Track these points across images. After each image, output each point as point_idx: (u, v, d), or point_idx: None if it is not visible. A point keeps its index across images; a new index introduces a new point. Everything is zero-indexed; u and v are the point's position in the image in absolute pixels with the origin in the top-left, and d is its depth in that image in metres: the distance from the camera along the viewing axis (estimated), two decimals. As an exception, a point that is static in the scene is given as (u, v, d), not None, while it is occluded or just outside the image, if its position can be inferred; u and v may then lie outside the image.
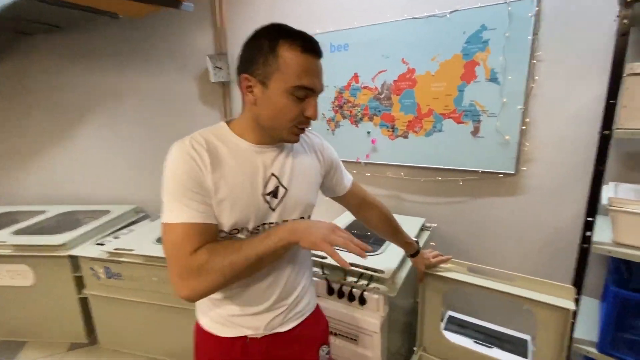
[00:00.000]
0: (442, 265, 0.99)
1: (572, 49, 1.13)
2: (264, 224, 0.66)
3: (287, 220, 0.69)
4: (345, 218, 1.44)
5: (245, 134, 0.66)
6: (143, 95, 2.02)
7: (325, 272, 1.08)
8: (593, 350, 0.94)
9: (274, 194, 0.67)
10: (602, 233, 0.94)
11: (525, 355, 1.01)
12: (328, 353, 0.82)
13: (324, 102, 1.68)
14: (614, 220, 0.88)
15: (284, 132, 0.63)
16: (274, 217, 0.67)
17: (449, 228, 1.50)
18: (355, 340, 1.05)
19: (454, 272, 0.98)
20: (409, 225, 1.37)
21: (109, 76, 1.97)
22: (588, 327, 1.04)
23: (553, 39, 1.16)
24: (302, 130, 0.65)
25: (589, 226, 0.90)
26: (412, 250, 0.96)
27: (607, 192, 0.96)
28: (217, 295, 0.69)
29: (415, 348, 1.06)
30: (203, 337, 0.72)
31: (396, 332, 1.19)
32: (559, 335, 0.84)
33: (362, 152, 1.64)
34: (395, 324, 1.16)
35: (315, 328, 0.80)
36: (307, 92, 0.60)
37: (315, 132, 0.80)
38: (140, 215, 2.03)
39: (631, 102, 0.79)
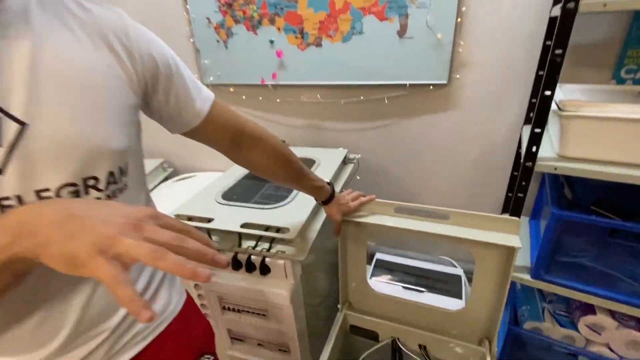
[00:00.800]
0: (364, 207, 0.76)
1: None
2: None
3: (43, 192, 0.34)
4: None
5: None
6: None
7: (213, 238, 0.79)
8: (526, 277, 0.85)
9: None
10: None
11: (459, 295, 0.89)
12: None
13: (206, 0, 1.20)
14: (564, 129, 0.70)
15: None
16: (8, 187, 0.31)
17: (375, 157, 1.28)
18: (264, 315, 0.82)
19: (378, 215, 0.75)
20: (329, 159, 1.11)
21: None
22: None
23: None
24: None
25: (535, 139, 0.71)
26: (324, 196, 0.69)
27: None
28: None
29: (339, 306, 0.88)
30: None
31: (318, 288, 0.99)
32: (499, 276, 0.69)
33: (266, 71, 1.25)
34: (315, 282, 0.96)
35: (185, 337, 0.53)
36: None
37: (110, 6, 0.41)
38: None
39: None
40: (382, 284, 0.95)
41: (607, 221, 0.71)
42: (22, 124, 0.31)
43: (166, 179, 1.56)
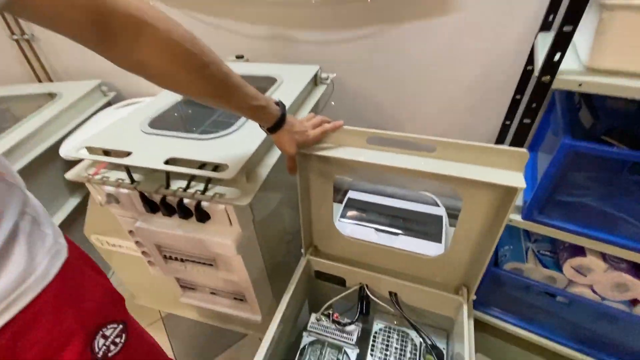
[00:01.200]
0: (329, 137, 0.58)
1: None
2: None
3: None
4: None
5: None
6: None
7: (135, 177, 0.61)
8: (516, 217, 0.74)
9: None
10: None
11: (438, 239, 0.79)
12: (123, 332, 0.45)
13: None
14: (604, 28, 0.50)
15: None
16: None
17: (353, 77, 1.06)
18: (211, 265, 0.70)
19: (346, 147, 0.58)
20: (295, 77, 0.89)
21: None
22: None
23: None
24: None
25: (562, 42, 0.51)
26: (270, 120, 0.51)
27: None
28: None
29: (302, 250, 0.77)
30: None
31: (284, 227, 0.87)
32: (489, 220, 0.56)
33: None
34: (279, 222, 0.83)
35: (68, 308, 0.39)
36: None
37: None
38: None
39: None
40: (354, 226, 0.83)
41: (631, 153, 0.57)
42: None
43: (109, 105, 1.31)
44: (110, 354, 0.42)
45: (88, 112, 1.22)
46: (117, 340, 0.43)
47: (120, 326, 0.44)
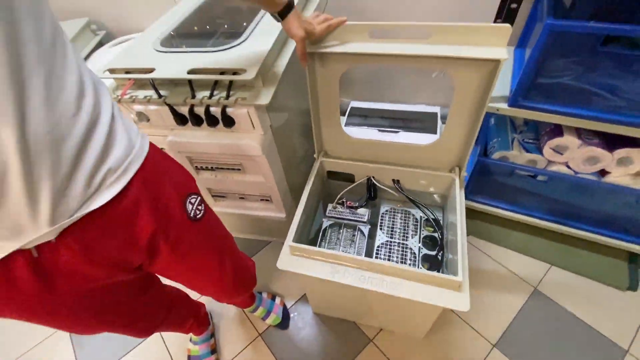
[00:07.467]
0: (334, 35, 0.61)
1: None
2: None
3: None
4: None
5: None
6: None
7: (161, 92, 0.64)
8: (503, 105, 0.81)
9: None
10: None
11: (434, 131, 0.86)
12: (202, 202, 0.56)
13: None
14: None
15: None
16: None
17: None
18: (239, 169, 0.78)
19: (351, 43, 0.61)
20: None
21: None
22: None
23: None
24: None
25: None
26: (280, 4, 0.53)
27: None
28: None
29: (315, 155, 0.84)
30: None
31: (294, 145, 0.94)
32: (477, 97, 0.63)
33: None
34: (290, 138, 0.89)
35: (165, 177, 0.49)
36: None
37: None
38: None
39: None
40: (357, 130, 0.90)
41: (604, 26, 0.61)
42: None
43: (100, 45, 1.26)
44: (198, 216, 0.52)
45: (83, 53, 1.18)
46: (199, 207, 0.54)
47: (199, 197, 0.55)
